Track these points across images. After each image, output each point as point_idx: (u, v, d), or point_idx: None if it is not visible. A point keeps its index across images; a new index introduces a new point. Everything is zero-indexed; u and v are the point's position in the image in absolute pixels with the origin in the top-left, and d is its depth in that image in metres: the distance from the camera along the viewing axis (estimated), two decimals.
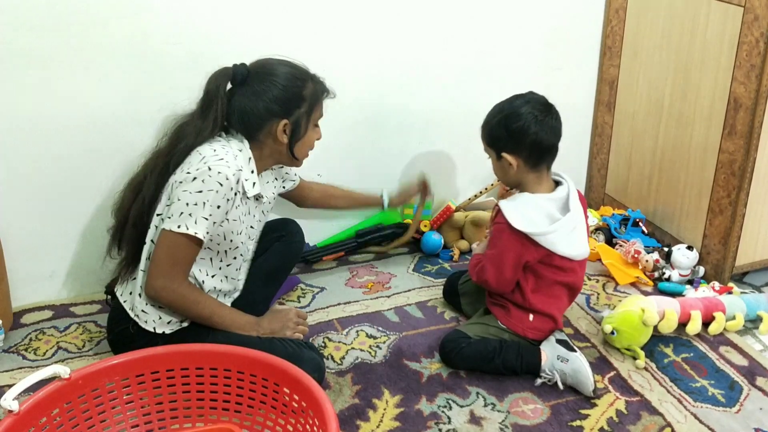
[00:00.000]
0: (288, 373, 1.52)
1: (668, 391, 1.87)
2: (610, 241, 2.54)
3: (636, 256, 2.38)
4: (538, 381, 1.89)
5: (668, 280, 2.32)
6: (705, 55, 2.22)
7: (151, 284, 1.71)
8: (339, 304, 2.24)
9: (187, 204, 1.65)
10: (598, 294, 2.31)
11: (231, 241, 1.78)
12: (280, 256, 2.08)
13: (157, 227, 1.72)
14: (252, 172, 1.76)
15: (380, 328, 2.12)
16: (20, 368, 1.95)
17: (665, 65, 2.39)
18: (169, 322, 1.77)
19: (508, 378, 1.90)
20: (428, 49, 2.41)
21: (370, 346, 2.04)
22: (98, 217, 2.18)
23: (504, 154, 1.86)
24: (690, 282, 2.32)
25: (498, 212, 1.89)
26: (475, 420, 1.78)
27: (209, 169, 1.65)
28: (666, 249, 2.40)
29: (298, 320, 1.86)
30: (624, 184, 2.68)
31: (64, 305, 2.22)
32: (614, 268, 2.38)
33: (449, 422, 1.77)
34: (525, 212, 1.84)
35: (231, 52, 2.15)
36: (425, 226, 2.53)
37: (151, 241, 1.74)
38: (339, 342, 2.06)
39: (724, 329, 2.10)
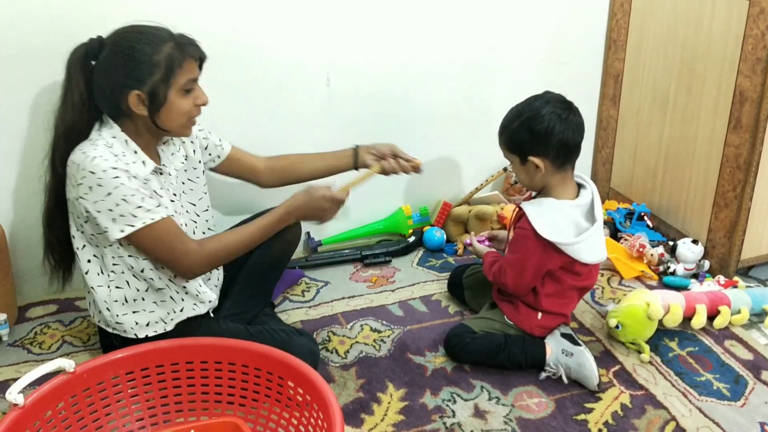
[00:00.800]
0: (293, 366, 1.52)
1: (673, 385, 1.87)
2: (615, 235, 2.53)
3: (641, 250, 2.37)
4: (543, 375, 1.88)
5: (673, 274, 2.31)
6: (710, 49, 2.22)
7: (184, 271, 1.70)
8: (343, 298, 2.24)
9: (109, 210, 1.59)
10: (603, 288, 2.30)
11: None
12: (277, 249, 2.04)
13: (79, 248, 1.71)
14: (135, 152, 1.66)
15: (384, 322, 2.12)
16: (25, 362, 1.95)
17: (670, 59, 2.38)
18: (148, 324, 1.74)
19: (512, 372, 1.90)
20: (433, 44, 2.41)
21: (374, 340, 2.04)
22: None
23: (531, 158, 1.81)
24: (695, 276, 2.32)
25: (521, 216, 1.85)
26: (479, 414, 1.78)
27: (92, 173, 1.57)
28: (671, 243, 2.39)
29: (332, 206, 1.82)
30: (629, 177, 2.68)
31: (69, 299, 2.22)
32: (619, 262, 2.37)
33: (454, 416, 1.77)
34: (552, 220, 1.81)
35: (233, 46, 2.17)
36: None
37: (83, 263, 1.72)
38: (343, 336, 2.06)
39: (729, 323, 2.09)
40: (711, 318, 2.09)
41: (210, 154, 1.94)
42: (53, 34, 1.96)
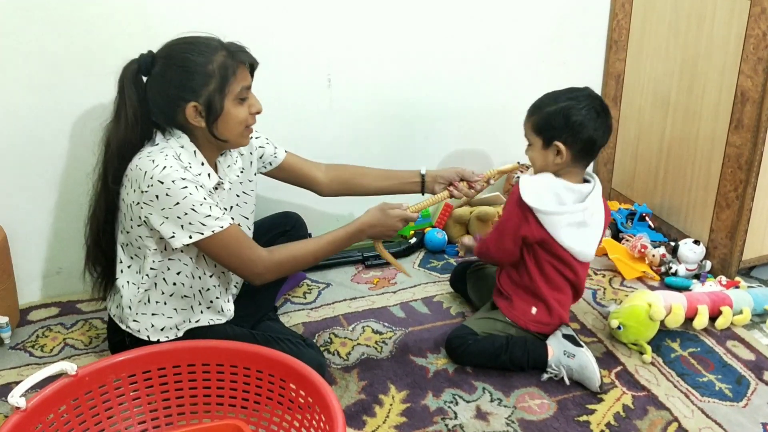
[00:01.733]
0: (294, 369, 1.52)
1: (675, 386, 1.87)
2: (616, 235, 2.53)
3: (642, 250, 2.37)
4: (545, 376, 1.88)
5: (675, 274, 2.31)
6: (712, 49, 2.21)
7: (255, 277, 1.71)
8: (345, 299, 2.24)
9: (178, 217, 1.58)
10: (605, 289, 2.30)
11: None
12: None
13: (123, 245, 1.71)
14: (202, 164, 1.66)
15: (386, 324, 2.12)
16: (27, 365, 1.95)
17: (672, 59, 2.38)
18: (162, 329, 1.74)
19: (514, 373, 1.90)
20: (433, 45, 2.41)
21: (376, 342, 2.04)
22: None
23: (557, 143, 1.82)
24: (697, 276, 2.32)
25: (515, 186, 1.87)
26: (481, 415, 1.77)
27: (161, 182, 1.56)
28: (672, 243, 2.39)
29: (400, 227, 1.84)
30: (630, 178, 2.68)
31: (70, 302, 2.22)
32: (621, 262, 2.37)
33: (455, 417, 1.77)
34: (537, 189, 1.83)
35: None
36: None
37: (121, 259, 1.72)
38: (345, 338, 2.06)
39: (731, 324, 2.09)
40: (713, 318, 2.09)
41: (263, 162, 1.94)
42: (50, 35, 1.97)
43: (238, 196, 1.84)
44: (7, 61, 1.96)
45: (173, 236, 1.61)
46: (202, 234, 1.61)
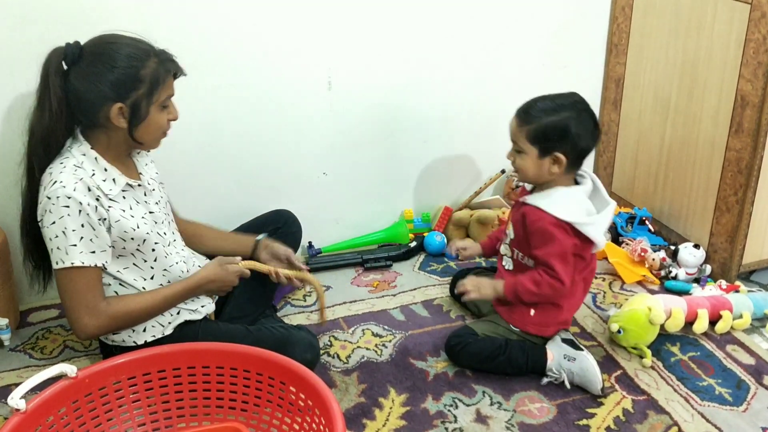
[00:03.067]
0: (294, 371, 1.52)
1: (675, 390, 1.87)
2: (616, 239, 2.53)
3: (642, 254, 2.37)
4: (545, 380, 1.88)
5: (675, 278, 2.31)
6: (712, 53, 2.22)
7: (80, 328, 1.64)
8: (345, 302, 2.24)
9: (51, 239, 1.59)
10: (605, 292, 2.30)
11: (133, 239, 1.68)
12: None
13: None
14: (105, 169, 1.64)
15: (386, 327, 2.12)
16: (27, 367, 1.95)
17: (672, 63, 2.38)
18: (144, 330, 1.73)
19: (514, 377, 1.90)
20: (433, 48, 2.41)
21: (376, 345, 2.04)
22: None
23: (557, 154, 1.81)
24: (697, 280, 2.32)
25: (533, 210, 1.84)
26: (481, 419, 1.77)
27: (48, 198, 1.57)
28: (672, 247, 2.39)
29: (236, 282, 1.82)
30: (630, 182, 2.68)
31: None
32: (620, 266, 2.37)
33: (455, 421, 1.76)
34: (563, 203, 1.83)
35: (234, 50, 2.17)
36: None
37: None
38: (345, 341, 2.06)
39: (731, 328, 2.09)
40: (713, 323, 2.09)
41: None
42: (28, 35, 1.96)
43: (158, 192, 1.81)
44: (18, 62, 1.95)
45: (52, 257, 1.61)
46: (63, 262, 1.59)
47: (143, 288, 1.72)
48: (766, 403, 1.83)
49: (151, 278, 1.73)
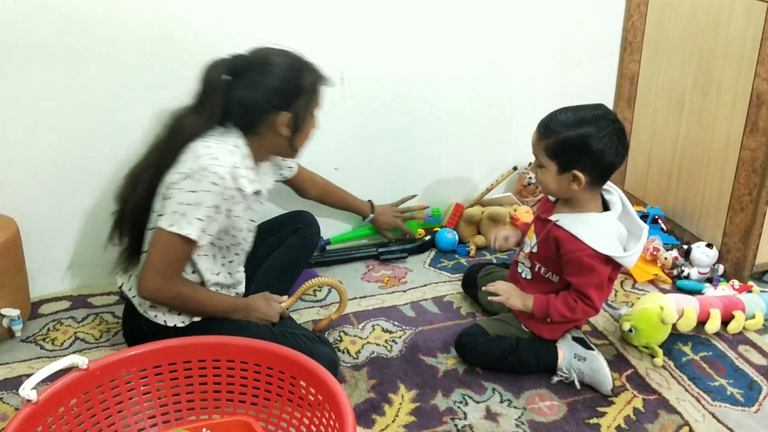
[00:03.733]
0: (305, 366, 1.52)
1: (686, 390, 1.86)
2: None
3: (655, 253, 2.36)
4: (555, 379, 1.88)
5: (687, 278, 2.30)
6: (727, 51, 2.20)
7: (146, 285, 1.69)
8: (355, 298, 2.24)
9: (180, 203, 1.62)
10: (616, 291, 2.29)
11: (233, 236, 1.77)
12: (296, 250, 2.08)
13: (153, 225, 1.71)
14: (250, 168, 1.72)
15: (396, 323, 2.12)
16: (38, 358, 1.96)
17: (687, 61, 2.36)
18: (180, 314, 1.76)
19: (524, 375, 1.89)
20: (447, 44, 2.40)
21: (386, 341, 2.04)
22: None
23: (576, 172, 1.74)
24: (709, 280, 2.30)
25: (570, 239, 1.78)
26: (491, 416, 1.77)
27: (202, 168, 1.61)
28: (685, 246, 2.38)
29: (275, 320, 1.87)
30: (643, 180, 2.66)
31: (81, 296, 2.23)
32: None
33: (465, 418, 1.76)
34: (603, 235, 1.78)
35: (247, 43, 2.17)
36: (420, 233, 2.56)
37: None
38: (355, 336, 2.06)
39: (744, 328, 2.08)
40: (725, 323, 2.08)
41: (282, 174, 2.05)
42: (70, 29, 1.97)
43: (262, 203, 1.87)
44: (26, 54, 1.96)
45: (161, 215, 1.64)
46: (179, 229, 1.62)
47: (203, 279, 1.77)
48: None
49: (216, 274, 1.79)
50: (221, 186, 1.62)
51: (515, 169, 2.60)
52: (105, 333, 2.06)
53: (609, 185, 1.88)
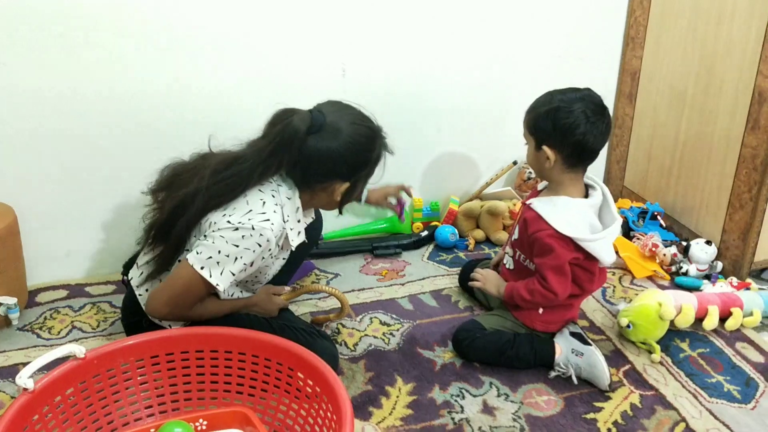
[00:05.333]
0: (303, 358, 1.52)
1: (683, 386, 1.86)
2: (627, 234, 2.51)
3: (653, 249, 2.36)
4: (552, 374, 1.87)
5: (685, 274, 2.30)
6: (730, 48, 2.19)
7: (156, 308, 1.66)
8: (353, 290, 2.24)
9: (219, 252, 1.59)
10: (615, 287, 2.29)
11: (260, 275, 1.81)
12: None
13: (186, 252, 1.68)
14: (298, 221, 1.72)
15: (394, 316, 2.12)
16: (34, 346, 1.95)
17: (689, 57, 2.36)
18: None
19: (521, 369, 1.89)
20: (449, 38, 2.40)
21: (383, 334, 2.03)
22: (115, 198, 2.19)
23: (544, 147, 1.78)
24: (707, 277, 2.30)
25: (534, 218, 1.82)
26: (488, 410, 1.77)
27: (253, 228, 1.58)
28: (684, 243, 2.38)
29: (275, 314, 1.86)
30: (643, 176, 2.66)
31: (79, 285, 2.22)
32: (631, 261, 2.36)
33: (462, 411, 1.76)
34: (567, 217, 1.79)
35: (249, 35, 2.16)
36: (417, 228, 2.56)
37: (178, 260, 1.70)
38: (352, 328, 2.05)
39: (741, 325, 2.08)
40: (723, 319, 2.08)
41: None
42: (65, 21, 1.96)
43: None
44: (27, 43, 1.95)
45: (190, 251, 1.62)
46: (208, 275, 1.60)
47: (222, 296, 1.76)
48: None
49: (231, 295, 1.79)
50: (264, 247, 1.61)
51: (515, 163, 2.59)
52: (102, 322, 2.06)
53: (594, 181, 1.88)
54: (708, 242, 2.32)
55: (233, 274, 1.62)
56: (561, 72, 2.55)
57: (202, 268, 1.60)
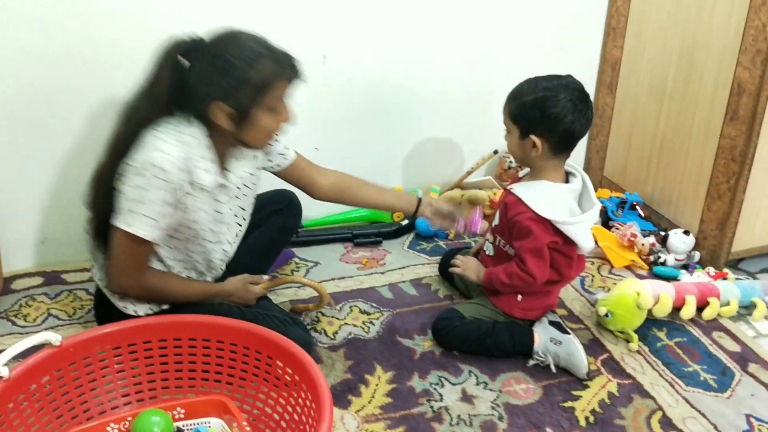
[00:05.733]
0: (282, 346, 1.51)
1: (661, 375, 1.87)
2: (606, 223, 2.52)
3: (632, 239, 2.37)
4: (531, 362, 1.88)
5: (663, 264, 2.31)
6: (710, 39, 2.20)
7: (115, 283, 1.67)
8: (333, 279, 2.23)
9: (128, 199, 1.57)
10: (593, 276, 2.30)
11: (193, 229, 1.70)
12: (276, 231, 2.04)
13: None
14: (209, 160, 1.64)
15: (374, 305, 2.11)
16: (10, 334, 1.93)
17: (669, 48, 2.36)
18: (149, 302, 1.73)
19: (500, 358, 1.90)
20: (430, 26, 2.39)
21: (363, 322, 2.03)
22: None
23: (532, 136, 1.77)
24: (685, 267, 2.32)
25: (514, 202, 1.83)
26: (467, 398, 1.77)
27: (145, 161, 1.54)
28: (662, 233, 2.39)
29: (253, 303, 1.84)
30: (623, 166, 2.67)
31: (55, 272, 2.20)
32: (610, 250, 2.37)
33: (441, 399, 1.76)
34: (546, 199, 1.80)
35: (227, 20, 2.14)
36: (398, 216, 2.54)
37: None
38: (332, 317, 2.05)
39: (718, 315, 2.10)
40: (700, 309, 2.09)
41: (270, 161, 1.90)
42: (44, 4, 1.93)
43: (239, 188, 1.80)
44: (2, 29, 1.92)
45: (114, 213, 1.60)
46: (128, 226, 1.58)
47: (169, 267, 1.73)
48: (751, 390, 1.83)
49: (179, 261, 1.75)
50: (167, 180, 1.55)
51: (496, 152, 2.59)
52: (78, 310, 2.04)
53: (575, 168, 1.89)
54: (686, 232, 2.33)
55: (154, 219, 1.58)
56: (542, 61, 2.53)
57: (122, 223, 1.58)
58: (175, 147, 1.57)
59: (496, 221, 1.95)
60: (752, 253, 2.36)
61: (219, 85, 1.57)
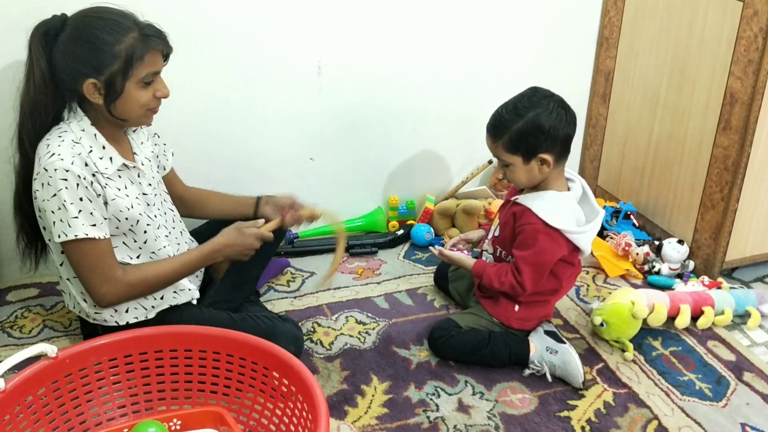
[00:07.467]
0: (278, 357, 1.51)
1: (656, 384, 1.88)
2: (601, 233, 2.53)
3: (626, 248, 2.38)
4: (527, 372, 1.88)
5: (658, 273, 2.32)
6: (702, 49, 2.22)
7: (98, 297, 1.65)
8: (329, 289, 2.23)
9: (51, 212, 1.57)
10: (588, 286, 2.31)
11: (126, 219, 1.67)
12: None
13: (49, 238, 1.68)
14: (103, 147, 1.64)
15: (370, 315, 2.11)
16: (5, 346, 1.93)
17: (662, 58, 2.38)
18: (127, 311, 1.72)
19: (496, 367, 1.90)
20: (425, 37, 2.39)
21: (359, 332, 2.03)
22: None
23: (541, 155, 1.78)
24: (680, 276, 2.33)
25: (524, 212, 1.83)
26: (463, 408, 1.77)
27: (45, 170, 1.55)
28: (656, 242, 2.40)
29: (257, 245, 1.79)
30: (616, 176, 2.68)
31: (50, 283, 2.19)
32: (604, 260, 2.38)
33: (437, 410, 1.76)
34: (557, 210, 1.81)
35: (223, 32, 2.15)
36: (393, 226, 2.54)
37: (52, 249, 1.70)
38: (328, 327, 2.05)
39: (713, 324, 2.10)
40: (694, 318, 2.10)
41: (159, 161, 1.89)
42: (17, 8, 1.91)
43: (151, 168, 1.80)
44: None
45: (50, 230, 1.60)
46: (66, 236, 1.57)
47: (127, 264, 1.71)
48: (746, 399, 1.84)
49: (138, 257, 1.73)
50: (71, 178, 1.55)
51: (490, 162, 2.60)
52: (74, 321, 2.03)
53: (572, 174, 1.91)
54: (680, 241, 2.34)
55: (85, 217, 1.57)
56: (535, 72, 2.56)
57: (61, 236, 1.58)
58: (65, 147, 1.58)
59: (495, 233, 1.95)
60: (746, 261, 2.37)
61: (86, 60, 1.56)
